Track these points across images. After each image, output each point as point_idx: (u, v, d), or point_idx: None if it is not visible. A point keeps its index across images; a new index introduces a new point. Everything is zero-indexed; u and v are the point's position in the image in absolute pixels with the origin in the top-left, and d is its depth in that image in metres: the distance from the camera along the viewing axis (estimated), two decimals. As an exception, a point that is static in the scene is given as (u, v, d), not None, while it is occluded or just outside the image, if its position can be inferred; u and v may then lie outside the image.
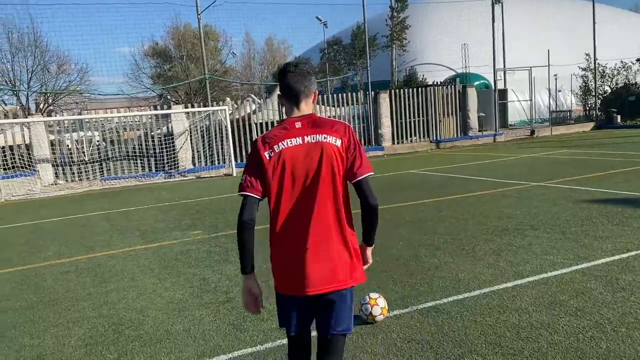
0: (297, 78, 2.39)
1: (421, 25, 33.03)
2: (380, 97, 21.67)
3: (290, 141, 2.32)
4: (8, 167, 16.36)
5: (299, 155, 2.31)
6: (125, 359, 3.90)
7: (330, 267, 2.32)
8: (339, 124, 2.41)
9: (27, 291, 5.82)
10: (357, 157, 2.37)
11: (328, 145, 2.32)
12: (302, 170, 2.32)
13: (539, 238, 6.37)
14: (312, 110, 2.44)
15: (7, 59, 30.57)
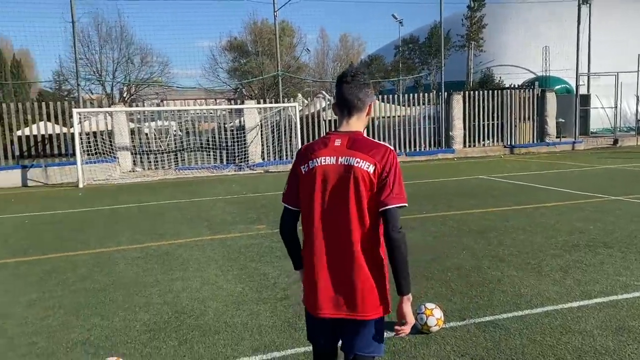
0: (353, 90, 2.32)
1: (499, 25, 31.92)
2: (453, 99, 21.21)
3: (325, 159, 2.27)
4: (91, 153, 17.42)
5: (330, 176, 2.26)
6: (185, 347, 4.08)
7: (345, 294, 2.26)
8: (379, 148, 2.26)
9: (100, 274, 6.20)
10: (387, 186, 2.21)
11: (359, 170, 2.21)
12: (330, 190, 2.26)
13: (612, 257, 6.03)
14: (363, 125, 2.39)
15: (95, 50, 32.49)
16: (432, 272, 5.70)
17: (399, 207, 2.23)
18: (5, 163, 17.64)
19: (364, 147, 2.25)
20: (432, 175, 15.27)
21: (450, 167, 17.77)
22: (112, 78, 33.17)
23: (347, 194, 2.23)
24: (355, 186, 2.22)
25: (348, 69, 2.39)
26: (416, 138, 21.24)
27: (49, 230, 9.11)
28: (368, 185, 2.22)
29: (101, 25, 32.75)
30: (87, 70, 31.09)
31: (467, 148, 21.57)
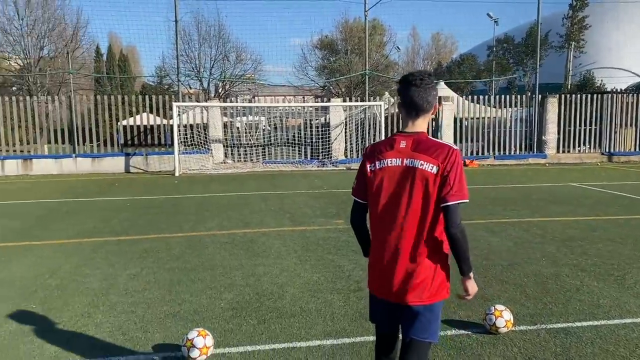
0: (421, 93, 2.46)
1: (602, 26, 30.05)
2: (547, 102, 20.33)
3: (391, 161, 2.46)
4: (187, 144, 18.58)
5: (395, 176, 2.45)
6: (263, 326, 4.41)
7: (406, 281, 2.44)
8: (442, 148, 2.41)
9: (191, 255, 6.75)
10: (448, 183, 2.36)
11: (422, 172, 2.38)
12: (396, 189, 2.44)
13: None
14: (427, 125, 2.55)
15: (195, 48, 34.32)
16: (507, 277, 5.68)
17: (458, 203, 2.39)
18: (111, 150, 19.26)
19: (427, 148, 2.42)
20: (519, 180, 14.81)
21: (541, 172, 17.11)
22: (209, 74, 34.90)
23: (411, 192, 2.41)
24: (419, 186, 2.40)
25: (415, 73, 2.51)
26: (506, 141, 20.59)
27: (148, 214, 9.94)
28: (431, 185, 2.39)
29: (201, 24, 34.58)
30: (186, 67, 32.93)
31: (560, 154, 20.60)
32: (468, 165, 19.36)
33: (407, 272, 2.44)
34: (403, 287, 2.45)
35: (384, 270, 2.50)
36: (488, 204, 10.45)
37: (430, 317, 2.49)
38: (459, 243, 2.42)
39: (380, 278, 2.53)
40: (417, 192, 2.40)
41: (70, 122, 18.99)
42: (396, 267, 2.45)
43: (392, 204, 2.46)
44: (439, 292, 2.49)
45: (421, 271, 2.43)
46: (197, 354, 3.72)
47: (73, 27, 31.08)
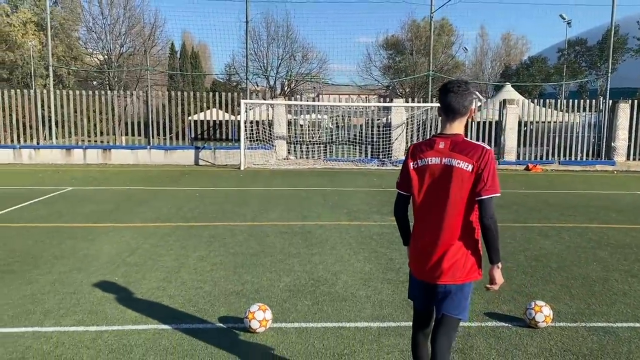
0: (458, 99, 2.77)
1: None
2: (618, 107, 19.63)
3: (432, 159, 2.79)
4: (253, 139, 19.37)
5: (436, 172, 2.78)
6: (317, 307, 4.85)
7: (440, 265, 2.78)
8: (476, 149, 2.72)
9: (253, 242, 7.30)
10: (482, 180, 2.68)
11: (459, 170, 2.71)
12: (436, 184, 2.78)
13: None
14: (463, 128, 2.87)
15: (263, 47, 35.37)
16: (555, 278, 5.83)
17: (491, 197, 2.71)
18: (182, 143, 20.37)
19: (464, 149, 2.74)
20: (582, 187, 14.51)
21: (607, 179, 16.62)
22: (275, 73, 35.89)
23: (449, 187, 2.74)
24: (456, 181, 2.72)
25: (453, 81, 2.86)
26: (572, 146, 20.07)
27: (215, 203, 10.64)
28: (466, 181, 2.71)
29: (271, 24, 35.57)
30: (254, 65, 34.02)
31: (630, 161, 19.83)
32: (531, 170, 19.04)
33: (442, 255, 2.78)
34: (439, 269, 2.80)
35: (423, 254, 2.86)
36: (545, 209, 10.42)
37: (460, 296, 2.83)
38: (491, 233, 2.74)
39: (419, 261, 2.89)
40: (454, 188, 2.73)
41: (146, 116, 20.26)
42: (434, 252, 2.80)
43: (432, 197, 2.82)
44: (470, 274, 2.82)
45: (455, 255, 2.77)
46: (257, 325, 4.21)
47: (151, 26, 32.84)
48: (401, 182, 2.98)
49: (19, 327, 4.34)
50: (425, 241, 2.84)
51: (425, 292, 2.93)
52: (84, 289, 5.30)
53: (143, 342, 4.07)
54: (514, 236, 7.84)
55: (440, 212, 2.78)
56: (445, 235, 2.78)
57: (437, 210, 2.79)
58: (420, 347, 3.07)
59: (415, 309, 3.08)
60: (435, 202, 2.80)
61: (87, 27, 31.95)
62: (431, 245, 2.81)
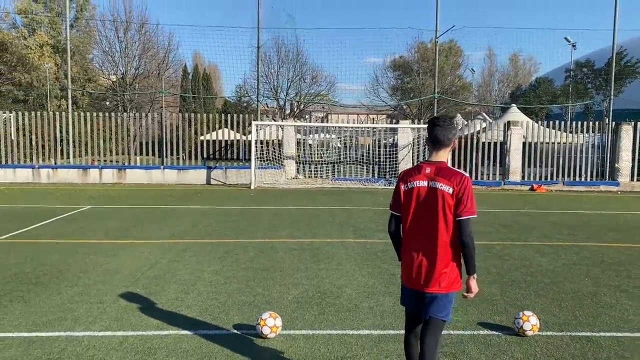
0: (444, 132, 3.27)
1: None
2: (621, 129, 20.00)
3: (419, 182, 3.27)
4: (263, 159, 19.92)
5: (422, 194, 3.26)
6: (322, 316, 5.28)
7: (429, 275, 3.24)
8: (456, 175, 3.20)
9: (264, 258, 7.75)
10: (462, 202, 3.15)
11: (441, 191, 3.19)
12: (423, 204, 3.26)
13: None
14: (447, 156, 3.35)
15: (274, 69, 36.22)
16: (546, 292, 6.21)
17: (469, 218, 3.18)
18: (195, 163, 20.98)
19: (446, 174, 3.23)
20: (584, 207, 14.85)
21: (610, 200, 16.93)
22: (285, 94, 36.67)
23: (435, 207, 3.22)
24: (440, 202, 3.20)
25: (440, 116, 3.41)
26: (577, 167, 20.41)
27: (227, 221, 11.11)
28: (448, 202, 3.19)
29: (281, 48, 36.40)
30: (265, 87, 34.77)
31: (634, 182, 20.12)
32: (536, 190, 19.38)
33: (431, 268, 3.24)
34: (427, 279, 3.25)
35: (413, 267, 3.31)
36: (545, 228, 10.79)
37: (446, 301, 3.28)
38: (468, 249, 3.22)
39: (410, 272, 3.34)
40: (438, 206, 3.21)
41: (160, 136, 20.91)
42: (422, 264, 3.26)
43: (419, 215, 3.29)
44: (454, 284, 3.28)
45: (442, 267, 3.23)
46: (268, 331, 4.64)
47: (165, 50, 33.83)
48: (393, 203, 3.46)
49: (54, 332, 4.80)
50: (415, 255, 3.30)
51: (415, 299, 3.37)
52: (108, 299, 5.76)
53: (165, 346, 4.51)
54: (512, 254, 8.22)
55: (428, 230, 3.25)
56: (432, 249, 3.23)
57: (425, 227, 3.26)
58: (411, 347, 3.51)
59: (407, 314, 3.52)
60: (423, 220, 3.26)
61: (103, 50, 32.91)
62: (420, 259, 3.27)
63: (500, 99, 50.32)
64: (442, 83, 38.96)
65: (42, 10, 46.32)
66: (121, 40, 32.97)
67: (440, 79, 39.12)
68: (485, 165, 20.53)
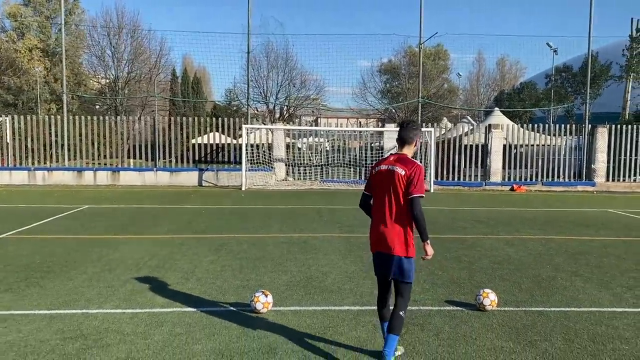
0: (407, 132, 4.15)
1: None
2: (597, 131, 20.93)
3: (382, 167, 4.14)
4: (253, 162, 20.57)
5: (384, 176, 4.10)
6: (309, 296, 5.95)
7: (389, 241, 4.02)
8: (411, 163, 4.02)
9: (256, 250, 8.42)
10: (412, 183, 3.95)
11: (396, 173, 4.01)
12: (384, 184, 4.09)
13: (686, 284, 6.70)
14: (412, 152, 4.19)
15: (264, 74, 36.88)
16: (510, 277, 6.94)
17: (418, 196, 3.97)
18: (186, 165, 21.58)
19: (403, 162, 4.07)
20: (559, 205, 15.67)
21: (585, 199, 17.78)
22: (275, 98, 37.35)
23: (391, 186, 4.04)
24: (396, 182, 4.01)
25: (406, 120, 4.31)
26: (555, 168, 21.29)
27: (220, 219, 11.76)
28: (401, 182, 4.00)
29: (270, 53, 37.07)
30: (254, 91, 35.39)
31: (610, 182, 21.04)
32: (516, 190, 20.21)
33: (393, 235, 4.01)
34: (392, 244, 4.00)
35: (380, 234, 4.07)
36: (518, 224, 11.56)
37: (409, 267, 4.04)
38: (418, 222, 3.99)
39: (377, 239, 4.10)
40: (395, 186, 4.02)
41: (152, 139, 21.49)
42: (387, 231, 4.03)
43: (383, 193, 4.08)
44: (410, 250, 4.04)
45: (401, 235, 4.00)
46: (260, 307, 5.31)
47: (156, 55, 34.40)
48: (366, 185, 4.29)
49: (71, 310, 5.43)
50: (381, 225, 4.07)
51: (383, 262, 4.11)
52: (116, 284, 6.40)
53: (171, 319, 5.17)
54: (484, 245, 8.96)
55: (386, 204, 4.04)
56: (389, 220, 4.04)
57: (385, 202, 4.07)
58: (383, 307, 4.28)
59: (378, 281, 4.26)
60: (384, 197, 4.08)
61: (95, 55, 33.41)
62: (385, 228, 4.05)
63: (486, 102, 51.37)
64: (428, 87, 39.86)
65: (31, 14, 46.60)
66: (113, 44, 33.47)
67: (427, 83, 40.04)
68: (468, 166, 21.34)
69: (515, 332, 4.96)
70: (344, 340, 4.68)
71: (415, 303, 5.74)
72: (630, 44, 27.66)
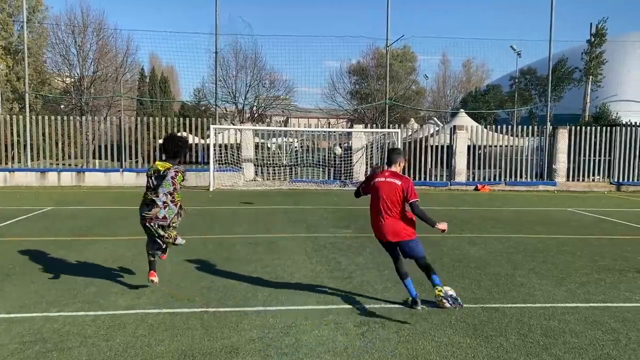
0: (392, 155, 5.80)
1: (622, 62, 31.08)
2: (558, 133, 21.57)
3: (381, 179, 5.61)
4: (221, 162, 20.49)
5: (384, 186, 5.55)
6: (273, 296, 6.02)
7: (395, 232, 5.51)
8: (403, 178, 5.58)
9: (221, 250, 8.44)
10: (408, 193, 5.46)
11: (394, 184, 5.52)
12: (384, 192, 5.52)
13: (635, 279, 7.03)
14: (399, 169, 5.73)
15: (232, 74, 36.66)
16: (470, 274, 7.16)
17: (415, 201, 5.46)
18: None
19: (397, 177, 5.60)
20: (521, 204, 16.11)
21: (546, 198, 18.31)
22: (244, 99, 37.14)
23: (391, 194, 5.50)
24: (395, 192, 5.49)
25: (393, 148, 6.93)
26: (518, 168, 21.86)
27: (187, 220, 11.61)
28: (399, 191, 5.48)
29: (239, 53, 36.83)
30: (223, 92, 35.14)
31: (570, 182, 21.72)
32: (480, 190, 20.66)
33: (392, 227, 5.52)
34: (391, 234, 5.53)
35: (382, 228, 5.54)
36: (480, 223, 11.87)
37: (411, 246, 5.57)
38: (421, 217, 5.47)
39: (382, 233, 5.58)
40: (395, 195, 5.49)
41: (118, 140, 21.18)
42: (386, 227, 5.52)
43: (384, 199, 5.51)
44: (411, 235, 5.55)
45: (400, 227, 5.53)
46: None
47: (123, 54, 33.85)
48: (365, 187, 5.83)
49: (31, 313, 5.38)
50: (377, 221, 5.60)
51: (388, 247, 5.72)
52: (79, 286, 6.34)
53: (133, 321, 5.17)
54: (446, 244, 9.19)
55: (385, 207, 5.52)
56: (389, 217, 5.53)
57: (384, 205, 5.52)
58: (400, 267, 5.70)
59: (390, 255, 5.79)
60: (384, 201, 5.52)
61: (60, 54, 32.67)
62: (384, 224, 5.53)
63: (452, 104, 52.23)
64: (396, 88, 40.27)
65: (-8, 11, 45.19)
66: (78, 43, 32.77)
67: (395, 84, 40.48)
68: (434, 167, 21.72)
69: (473, 328, 5.13)
70: (306, 339, 4.77)
71: (377, 301, 5.89)
72: (589, 48, 28.58)
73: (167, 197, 5.93)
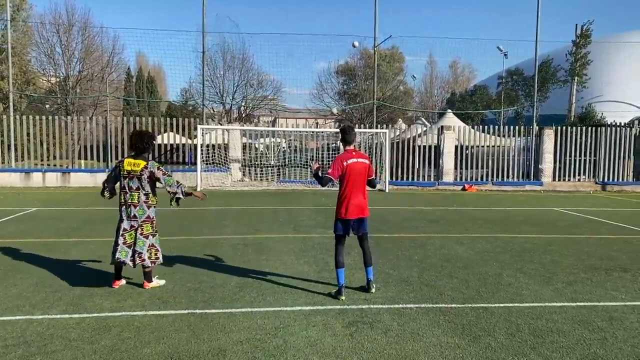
0: (352, 135, 6.09)
1: (607, 62, 31.43)
2: (544, 133, 21.75)
3: (353, 160, 6.00)
4: (209, 162, 20.37)
5: (358, 166, 5.98)
6: (261, 297, 5.97)
7: (361, 209, 6.00)
8: (366, 156, 6.19)
9: (210, 251, 8.37)
10: (371, 170, 6.08)
11: (365, 164, 6.06)
12: (356, 172, 5.95)
13: (621, 279, 7.08)
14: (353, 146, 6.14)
15: (220, 74, 36.51)
16: (457, 274, 7.16)
17: (374, 177, 6.11)
18: (140, 166, 21.14)
19: (362, 156, 6.13)
20: (508, 204, 16.21)
21: (532, 198, 18.44)
22: (232, 99, 37.02)
23: (364, 173, 6.03)
24: (364, 170, 6.02)
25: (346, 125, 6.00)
26: (505, 168, 22.00)
27: (175, 220, 11.60)
28: (367, 170, 6.03)
29: (226, 53, 36.69)
30: (211, 92, 34.99)
31: (556, 182, 21.91)
32: (467, 190, 20.76)
33: (365, 204, 6.06)
34: (363, 210, 6.03)
35: (358, 205, 5.99)
36: (468, 223, 11.91)
37: (366, 223, 6.11)
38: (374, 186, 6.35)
39: (354, 209, 5.96)
40: (364, 173, 6.02)
41: (104, 140, 20.97)
42: (363, 203, 6.04)
43: (354, 178, 5.95)
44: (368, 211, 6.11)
45: (365, 203, 6.04)
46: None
47: (109, 54, 33.53)
48: (334, 171, 5.95)
49: (14, 316, 5.28)
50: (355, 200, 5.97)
51: (349, 225, 6.04)
52: (63, 288, 6.25)
53: (119, 324, 5.09)
54: (434, 244, 9.20)
55: (360, 185, 6.02)
56: (359, 195, 6.02)
57: (356, 185, 5.98)
58: (343, 255, 6.05)
59: (339, 235, 6.06)
60: (355, 181, 5.97)
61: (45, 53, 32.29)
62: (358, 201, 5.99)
63: (440, 104, 52.50)
64: (384, 88, 40.39)
65: (-25, 10, 44.58)
66: (63, 42, 32.43)
67: (383, 84, 40.59)
68: (421, 167, 21.79)
69: (461, 328, 5.13)
70: (294, 341, 4.73)
71: (365, 302, 5.86)
72: (574, 49, 28.86)
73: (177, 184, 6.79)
